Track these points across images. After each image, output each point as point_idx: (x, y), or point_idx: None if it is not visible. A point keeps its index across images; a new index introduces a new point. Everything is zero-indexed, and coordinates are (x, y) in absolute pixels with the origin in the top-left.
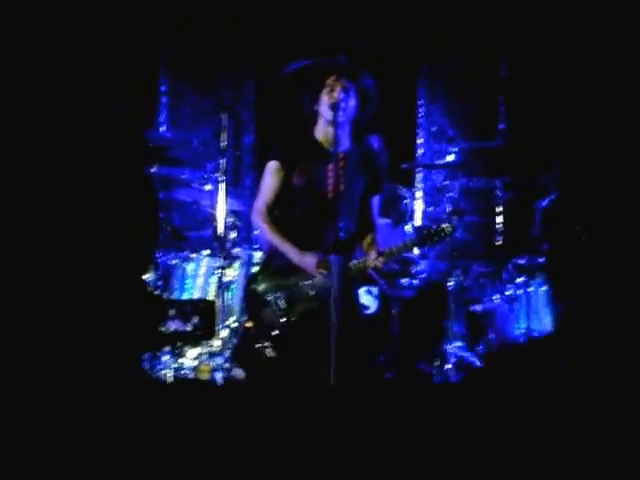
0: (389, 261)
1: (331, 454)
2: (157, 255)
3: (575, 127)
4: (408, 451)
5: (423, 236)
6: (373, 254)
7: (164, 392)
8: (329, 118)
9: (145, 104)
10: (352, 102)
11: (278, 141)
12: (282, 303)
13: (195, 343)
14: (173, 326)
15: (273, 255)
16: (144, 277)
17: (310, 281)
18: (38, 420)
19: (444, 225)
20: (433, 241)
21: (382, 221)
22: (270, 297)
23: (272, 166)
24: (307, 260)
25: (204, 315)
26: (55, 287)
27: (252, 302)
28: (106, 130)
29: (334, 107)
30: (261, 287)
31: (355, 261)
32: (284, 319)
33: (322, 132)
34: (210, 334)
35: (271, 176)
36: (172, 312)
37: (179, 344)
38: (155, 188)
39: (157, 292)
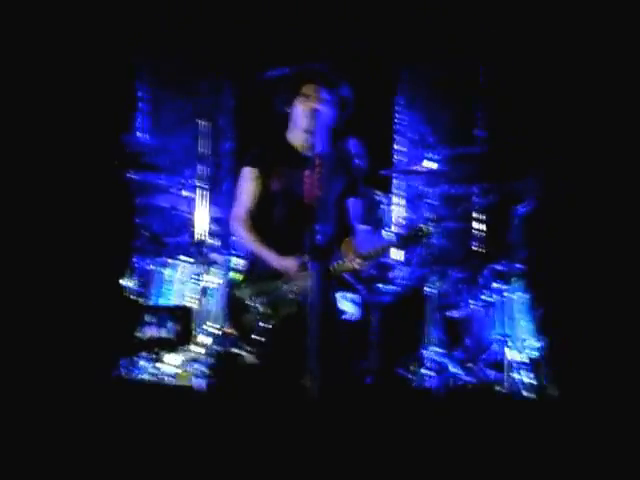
0: (369, 263)
1: (311, 459)
2: (135, 260)
3: (554, 133)
4: (388, 455)
5: (402, 238)
6: (351, 256)
7: (141, 398)
8: (304, 126)
9: (123, 110)
10: (328, 111)
11: (253, 147)
12: (264, 308)
13: (172, 349)
14: (149, 332)
15: (256, 261)
16: (122, 282)
17: (292, 284)
18: (13, 426)
19: (422, 226)
20: (412, 243)
21: (362, 227)
22: (252, 302)
23: (247, 172)
24: (288, 264)
25: (180, 321)
26: (32, 292)
27: (234, 308)
28: (83, 135)
29: (310, 116)
30: (244, 293)
31: (334, 263)
32: (266, 324)
33: (296, 137)
34: (187, 340)
35: (247, 182)
36: (148, 318)
37: (156, 349)
38: (132, 193)
39: (135, 297)
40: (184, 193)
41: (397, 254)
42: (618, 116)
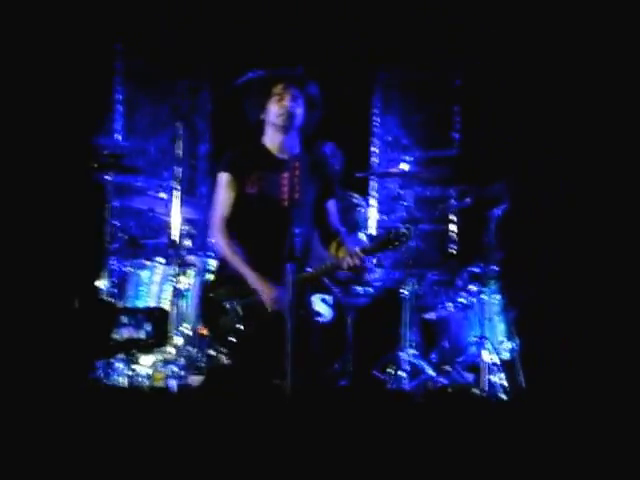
0: (368, 258)
1: (285, 462)
2: (111, 262)
3: (529, 136)
4: (362, 459)
5: (383, 241)
6: (352, 252)
7: (117, 399)
8: (280, 124)
9: (100, 112)
10: (300, 110)
11: (227, 152)
12: (239, 310)
13: (149, 350)
14: (126, 333)
15: (227, 264)
16: (97, 284)
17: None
18: None
19: (402, 230)
20: (393, 246)
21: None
22: (227, 304)
23: (223, 178)
24: (264, 289)
25: (157, 322)
26: (6, 294)
27: (208, 309)
28: (60, 137)
29: (284, 114)
30: (217, 294)
31: (327, 262)
32: (240, 325)
33: (270, 140)
34: (163, 341)
35: (223, 188)
36: (124, 319)
37: (133, 351)
38: (109, 196)
39: (111, 299)
40: (161, 195)
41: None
42: (594, 118)
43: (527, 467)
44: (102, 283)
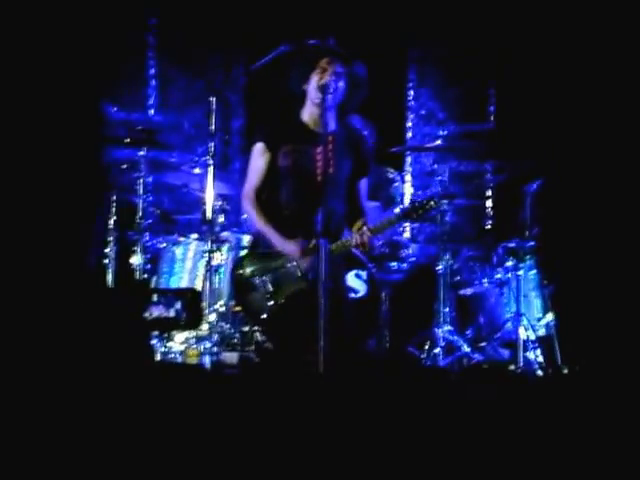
0: (376, 235)
1: (320, 438)
2: (145, 239)
3: (565, 110)
4: (397, 436)
5: (408, 210)
6: (362, 229)
7: (151, 376)
8: (317, 100)
9: (134, 87)
10: (341, 85)
11: (263, 123)
12: (269, 286)
13: (180, 330)
14: (156, 312)
15: (260, 238)
16: (131, 261)
17: (296, 263)
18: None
19: (428, 198)
20: (418, 215)
21: (371, 204)
22: (257, 280)
23: (258, 148)
24: (291, 247)
25: (188, 303)
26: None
27: (239, 286)
28: (95, 113)
29: (323, 89)
30: (248, 270)
31: (343, 239)
32: (272, 302)
33: (308, 114)
34: (196, 322)
35: (257, 159)
36: (155, 298)
37: (167, 329)
38: (142, 171)
39: (145, 276)
40: (195, 171)
41: (406, 231)
42: (633, 90)
43: (564, 444)
44: (136, 259)
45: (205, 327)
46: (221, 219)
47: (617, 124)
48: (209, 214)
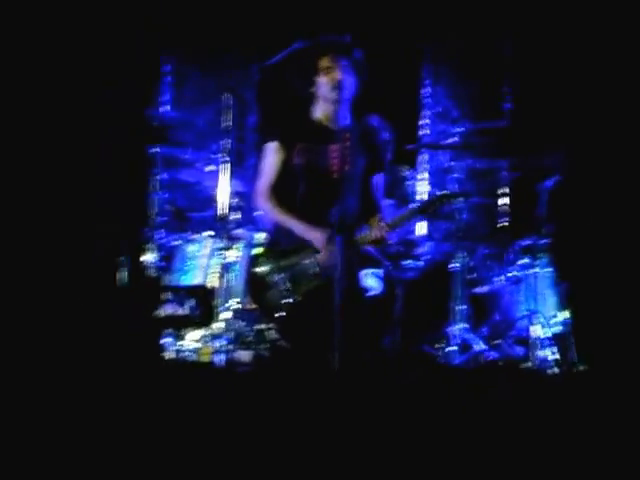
0: (392, 230)
1: (335, 436)
2: (159, 236)
3: (581, 107)
4: (412, 433)
5: (425, 204)
6: (377, 224)
7: (165, 374)
8: (334, 97)
9: (148, 84)
10: (351, 80)
11: (277, 121)
12: (285, 284)
13: (195, 326)
14: (169, 309)
15: (276, 236)
16: (143, 258)
17: (313, 259)
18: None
19: (445, 192)
20: (434, 209)
21: (386, 202)
22: (273, 278)
23: (272, 146)
24: (316, 235)
25: (200, 300)
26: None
27: (255, 283)
28: (109, 110)
29: (339, 86)
30: (264, 268)
31: (361, 233)
32: (288, 300)
33: (321, 110)
34: (208, 318)
35: (271, 157)
36: (168, 295)
37: (179, 327)
38: (156, 168)
39: (158, 273)
40: (209, 168)
41: (421, 229)
42: None
43: (579, 442)
44: (149, 257)
45: (219, 325)
46: (235, 216)
47: (634, 121)
48: (223, 211)
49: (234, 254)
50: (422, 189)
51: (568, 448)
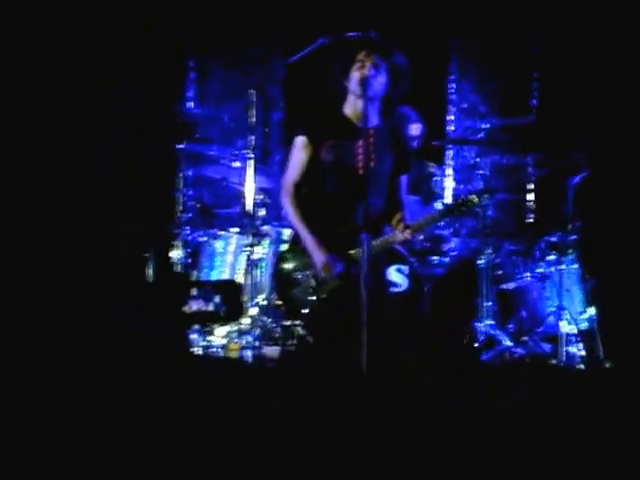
0: (417, 234)
1: (361, 432)
2: (185, 232)
3: (608, 104)
4: (439, 429)
5: (450, 207)
6: (401, 227)
7: (193, 370)
8: (358, 93)
9: (174, 80)
10: (382, 78)
11: (306, 117)
12: (312, 281)
13: (223, 322)
14: (196, 305)
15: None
16: (171, 255)
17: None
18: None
19: (470, 196)
20: (460, 212)
21: (411, 198)
22: (299, 275)
23: (300, 142)
24: (318, 255)
25: (228, 295)
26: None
27: (281, 280)
28: (135, 106)
29: (363, 82)
30: (290, 265)
31: (383, 237)
32: (314, 297)
33: (351, 108)
34: (236, 314)
35: (299, 152)
36: (194, 291)
37: (207, 323)
38: (181, 164)
39: (185, 270)
40: (235, 164)
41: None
42: None
43: (607, 436)
44: (176, 254)
45: (247, 321)
46: (262, 212)
47: None
48: (249, 207)
49: (261, 250)
50: (449, 185)
51: (595, 444)
